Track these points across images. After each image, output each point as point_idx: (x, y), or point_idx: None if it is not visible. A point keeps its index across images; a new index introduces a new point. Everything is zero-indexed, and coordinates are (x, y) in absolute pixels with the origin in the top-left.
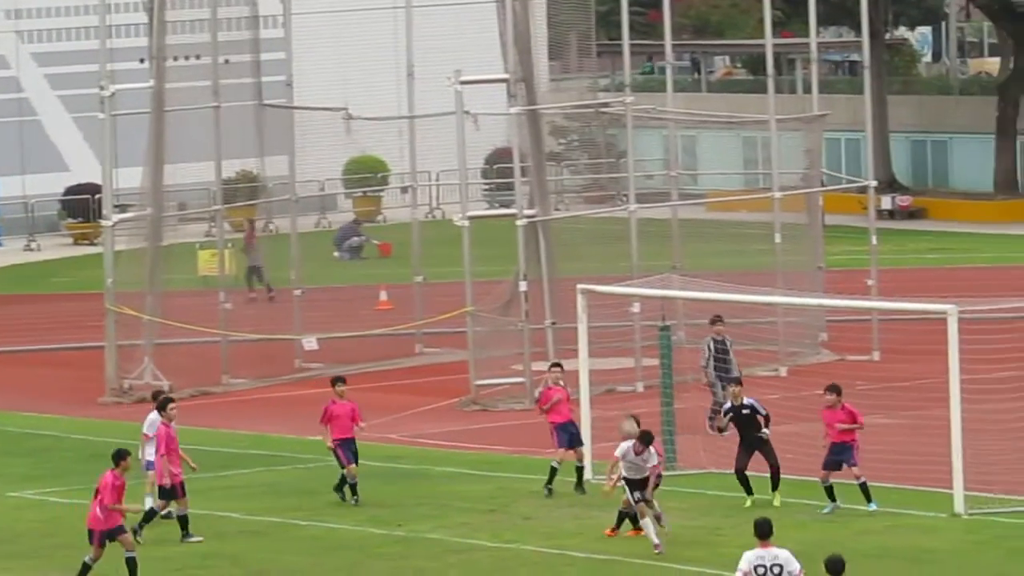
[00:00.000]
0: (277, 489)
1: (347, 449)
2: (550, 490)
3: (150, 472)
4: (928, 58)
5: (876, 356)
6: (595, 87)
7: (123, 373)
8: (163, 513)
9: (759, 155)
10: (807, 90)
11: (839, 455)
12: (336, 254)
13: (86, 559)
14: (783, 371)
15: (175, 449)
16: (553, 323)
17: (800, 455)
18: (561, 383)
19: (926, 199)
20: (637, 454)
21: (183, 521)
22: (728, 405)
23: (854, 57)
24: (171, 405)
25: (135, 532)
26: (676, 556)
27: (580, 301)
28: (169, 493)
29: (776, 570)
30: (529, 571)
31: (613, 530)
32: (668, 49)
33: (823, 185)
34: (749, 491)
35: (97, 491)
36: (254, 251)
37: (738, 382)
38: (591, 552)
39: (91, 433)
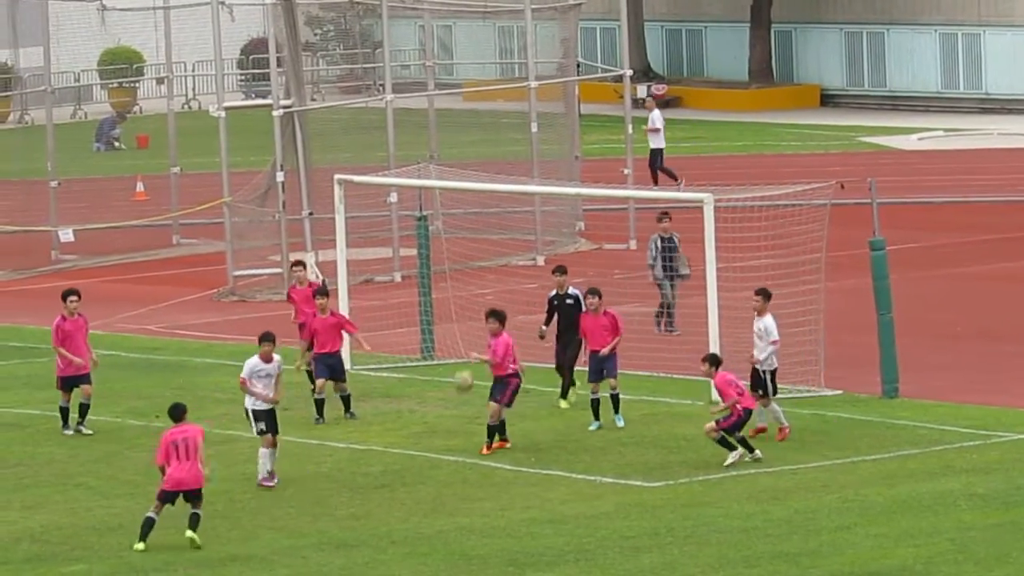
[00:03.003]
0: (34, 382)
1: (323, 363)
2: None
3: None
4: None
5: (633, 245)
6: None
7: None
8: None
9: (515, 45)
10: None
11: (602, 363)
12: (94, 145)
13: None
14: (540, 260)
15: (75, 340)
16: (310, 214)
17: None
18: (316, 279)
19: (681, 88)
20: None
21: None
22: (553, 294)
23: None
24: (70, 298)
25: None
26: (433, 445)
27: (337, 191)
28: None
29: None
30: (289, 461)
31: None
32: None
33: (579, 74)
34: (571, 384)
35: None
36: None
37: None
38: (351, 442)
39: None
